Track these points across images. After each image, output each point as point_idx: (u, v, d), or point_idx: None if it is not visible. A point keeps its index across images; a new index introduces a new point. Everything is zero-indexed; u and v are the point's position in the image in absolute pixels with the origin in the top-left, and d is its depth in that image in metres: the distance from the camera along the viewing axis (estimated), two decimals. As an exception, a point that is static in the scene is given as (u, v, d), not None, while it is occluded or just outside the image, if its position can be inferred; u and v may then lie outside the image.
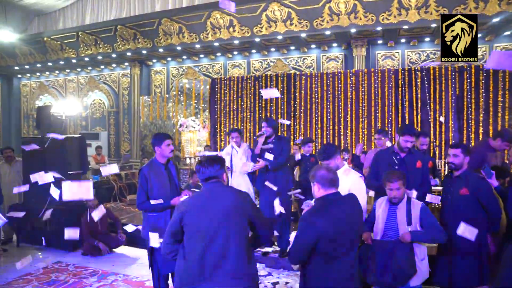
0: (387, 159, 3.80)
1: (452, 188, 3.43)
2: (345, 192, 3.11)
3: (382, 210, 3.14)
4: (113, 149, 13.04)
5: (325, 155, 3.22)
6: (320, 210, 2.29)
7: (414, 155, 3.75)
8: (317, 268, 2.27)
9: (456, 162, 3.37)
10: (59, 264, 5.13)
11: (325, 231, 2.19)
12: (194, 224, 2.26)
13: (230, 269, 2.18)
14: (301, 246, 2.26)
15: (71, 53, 11.51)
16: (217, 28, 9.32)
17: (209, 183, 2.38)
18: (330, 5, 8.09)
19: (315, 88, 8.99)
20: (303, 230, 2.26)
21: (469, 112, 7.80)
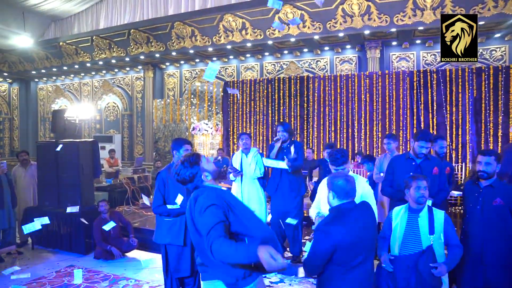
0: (402, 165, 3.68)
1: (481, 197, 3.17)
2: (357, 198, 3.05)
3: (400, 219, 2.96)
4: (127, 152, 13.15)
5: (340, 161, 3.13)
6: (335, 220, 2.25)
7: (431, 161, 3.61)
8: (335, 278, 2.24)
9: (489, 171, 3.13)
10: (71, 268, 5.15)
11: (341, 240, 2.16)
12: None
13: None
14: (318, 257, 2.22)
15: (85, 57, 11.66)
16: (230, 31, 9.30)
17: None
18: (343, 7, 7.99)
19: (328, 91, 8.90)
20: (319, 240, 2.23)
21: (487, 114, 7.60)
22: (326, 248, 2.17)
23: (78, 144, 5.98)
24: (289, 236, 4.70)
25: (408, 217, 2.94)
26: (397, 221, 2.97)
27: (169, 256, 3.52)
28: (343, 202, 2.32)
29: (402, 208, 3.03)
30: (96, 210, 5.81)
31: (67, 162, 5.96)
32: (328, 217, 2.35)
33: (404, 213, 2.98)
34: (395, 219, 3.01)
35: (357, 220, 2.25)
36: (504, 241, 3.04)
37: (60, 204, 5.97)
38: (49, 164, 6.07)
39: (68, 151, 5.95)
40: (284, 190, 4.68)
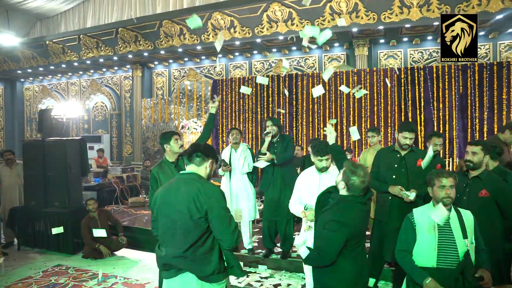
0: (387, 158, 3.73)
1: (468, 189, 3.18)
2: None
3: (429, 225, 2.50)
4: (115, 152, 13.04)
5: (326, 149, 3.14)
6: (348, 210, 2.37)
7: (415, 153, 3.66)
8: (348, 261, 2.38)
9: (475, 160, 3.14)
10: (59, 267, 5.09)
11: (354, 229, 2.34)
12: (161, 214, 2.33)
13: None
14: (335, 246, 2.32)
15: (73, 56, 11.53)
16: (218, 29, 9.28)
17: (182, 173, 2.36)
18: (331, 5, 8.04)
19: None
20: (335, 230, 2.31)
21: (473, 110, 7.71)
22: (343, 237, 2.30)
23: (65, 142, 5.91)
24: (281, 232, 4.69)
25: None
26: (426, 228, 2.53)
27: None
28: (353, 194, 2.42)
29: (425, 211, 2.60)
30: (84, 209, 5.75)
31: (54, 161, 5.88)
32: (338, 206, 2.41)
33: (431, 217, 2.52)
34: (421, 226, 2.56)
35: (361, 210, 2.42)
36: (486, 233, 3.02)
37: (47, 204, 5.89)
38: (36, 163, 5.98)
39: (55, 149, 5.87)
40: (277, 186, 4.66)
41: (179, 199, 2.18)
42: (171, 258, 2.21)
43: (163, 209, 2.25)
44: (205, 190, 2.17)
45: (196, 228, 2.15)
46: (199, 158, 2.28)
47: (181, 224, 2.17)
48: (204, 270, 2.17)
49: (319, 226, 2.46)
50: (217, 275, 2.21)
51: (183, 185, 2.22)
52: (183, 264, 2.18)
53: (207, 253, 2.18)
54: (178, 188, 2.23)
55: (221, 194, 2.24)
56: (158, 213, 2.29)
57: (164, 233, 2.26)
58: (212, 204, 2.14)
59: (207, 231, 2.18)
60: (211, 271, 2.18)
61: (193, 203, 2.13)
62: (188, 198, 2.15)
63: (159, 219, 2.29)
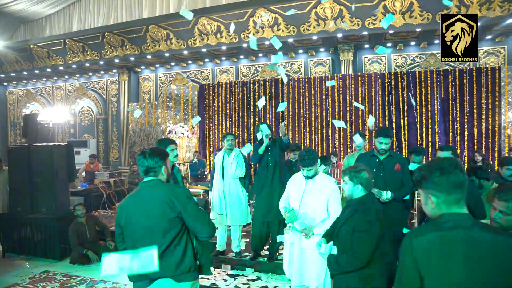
0: (367, 162, 3.87)
1: None
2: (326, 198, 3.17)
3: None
4: (102, 157, 12.94)
5: (310, 161, 3.22)
6: (370, 208, 2.47)
7: (393, 158, 3.80)
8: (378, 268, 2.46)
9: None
10: (46, 273, 5.07)
11: (381, 223, 2.44)
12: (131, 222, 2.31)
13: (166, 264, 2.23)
14: (369, 245, 2.38)
15: (58, 61, 11.44)
16: (205, 34, 9.35)
17: (144, 181, 2.39)
18: (316, 10, 8.18)
19: (302, 93, 9.07)
20: (367, 229, 2.39)
21: (454, 114, 7.94)
22: (376, 235, 2.39)
23: (52, 147, 5.89)
24: (274, 233, 4.75)
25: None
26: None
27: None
28: (368, 192, 2.53)
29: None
30: (71, 214, 5.73)
31: (40, 167, 5.85)
32: (361, 208, 2.47)
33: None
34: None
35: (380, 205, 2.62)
36: None
37: (33, 210, 5.85)
38: (22, 169, 5.94)
39: (42, 155, 5.85)
40: (271, 188, 4.70)
41: (151, 204, 2.27)
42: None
43: (134, 218, 2.29)
44: (174, 192, 2.31)
45: (172, 227, 2.25)
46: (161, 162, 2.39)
47: (158, 227, 2.24)
48: (180, 269, 2.26)
49: (347, 233, 2.46)
50: (193, 272, 2.32)
51: (150, 191, 2.32)
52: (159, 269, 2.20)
53: (183, 250, 2.29)
54: (146, 194, 2.32)
55: (189, 193, 2.41)
56: (127, 224, 2.32)
57: (136, 242, 2.27)
58: (184, 204, 2.28)
59: (181, 230, 2.30)
60: (187, 269, 2.28)
61: (166, 204, 2.24)
62: (160, 201, 2.25)
63: (129, 230, 2.32)
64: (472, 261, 1.39)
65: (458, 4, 7.49)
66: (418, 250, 1.47)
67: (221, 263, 5.06)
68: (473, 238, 1.42)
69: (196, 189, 7.56)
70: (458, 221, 1.47)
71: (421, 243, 1.48)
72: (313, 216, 3.19)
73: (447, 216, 1.50)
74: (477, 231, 1.43)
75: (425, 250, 1.46)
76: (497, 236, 1.43)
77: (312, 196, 3.23)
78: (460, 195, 1.51)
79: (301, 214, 3.24)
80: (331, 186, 3.25)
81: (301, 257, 3.22)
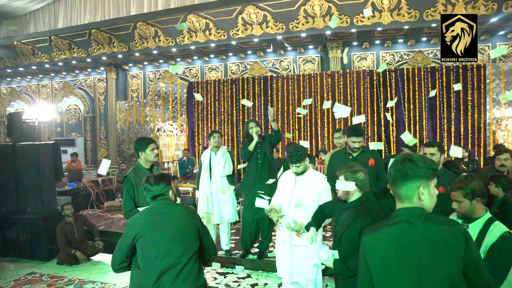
0: (341, 159, 3.92)
1: None
2: (316, 194, 3.17)
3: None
4: (90, 155, 12.80)
5: (298, 157, 3.19)
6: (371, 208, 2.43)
7: (366, 153, 3.89)
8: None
9: (434, 160, 3.40)
10: (32, 275, 4.98)
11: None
12: (148, 240, 2.28)
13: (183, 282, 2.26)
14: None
15: (43, 58, 11.24)
16: (193, 32, 9.28)
17: (156, 201, 2.42)
18: (305, 8, 8.18)
19: (291, 90, 9.07)
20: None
21: (441, 111, 8.03)
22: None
23: (38, 146, 5.79)
24: (264, 230, 4.74)
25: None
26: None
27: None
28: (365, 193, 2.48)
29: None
30: (59, 214, 5.64)
31: (26, 166, 5.75)
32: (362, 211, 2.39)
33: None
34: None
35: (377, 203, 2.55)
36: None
37: (18, 210, 5.75)
38: (6, 168, 5.82)
39: (27, 154, 5.74)
40: (261, 185, 4.68)
41: (175, 216, 2.35)
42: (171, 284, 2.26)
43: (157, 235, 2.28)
44: (189, 210, 2.45)
45: (196, 239, 2.35)
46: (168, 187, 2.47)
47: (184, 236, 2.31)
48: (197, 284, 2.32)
49: (351, 237, 2.38)
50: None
51: (168, 207, 2.40)
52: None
53: (200, 265, 2.39)
54: (165, 209, 2.38)
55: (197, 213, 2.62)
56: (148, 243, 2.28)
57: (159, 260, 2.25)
58: (199, 221, 2.42)
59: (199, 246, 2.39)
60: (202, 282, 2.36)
61: (189, 219, 2.36)
62: (182, 215, 2.36)
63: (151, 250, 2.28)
64: (405, 254, 1.43)
65: (445, 2, 7.57)
66: (367, 248, 1.55)
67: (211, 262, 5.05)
68: (411, 231, 1.45)
69: (185, 187, 7.52)
70: (404, 215, 1.50)
71: (369, 240, 1.55)
72: (304, 213, 3.19)
73: (397, 211, 1.55)
74: (420, 224, 1.45)
75: (372, 247, 1.53)
76: (438, 226, 1.44)
77: (302, 193, 3.23)
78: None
79: (291, 211, 3.24)
80: (322, 182, 3.24)
81: (292, 254, 3.22)
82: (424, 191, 1.50)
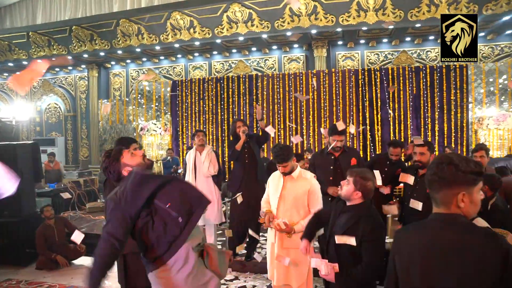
0: (322, 160, 3.88)
1: (418, 186, 3.38)
2: (305, 194, 3.12)
3: None
4: (71, 155, 12.49)
5: (283, 157, 3.12)
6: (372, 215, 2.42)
7: (348, 153, 3.87)
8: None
9: (424, 160, 3.36)
10: (8, 281, 4.77)
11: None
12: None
13: None
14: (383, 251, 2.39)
15: (21, 55, 10.90)
16: (177, 29, 9.14)
17: None
18: (291, 6, 8.13)
19: (277, 89, 9.02)
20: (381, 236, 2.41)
21: (425, 110, 8.11)
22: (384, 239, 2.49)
23: (15, 147, 5.58)
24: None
25: None
26: None
27: (130, 266, 3.30)
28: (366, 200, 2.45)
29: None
30: (38, 217, 5.45)
31: (3, 167, 5.52)
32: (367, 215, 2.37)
33: None
34: None
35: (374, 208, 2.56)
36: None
37: (-4, 213, 5.52)
38: (-17, 170, 5.59)
39: (4, 154, 5.51)
40: (249, 186, 4.60)
41: None
42: None
43: None
44: None
45: None
46: None
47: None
48: None
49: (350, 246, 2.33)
50: None
51: None
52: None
53: None
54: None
55: None
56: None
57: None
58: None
59: None
60: None
61: None
62: None
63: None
64: (431, 260, 1.35)
65: (429, 3, 7.64)
66: (396, 247, 1.50)
67: (197, 264, 4.94)
68: (441, 238, 1.36)
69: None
70: (436, 221, 1.41)
71: (399, 241, 1.51)
72: (293, 213, 3.14)
73: (431, 216, 1.47)
74: (451, 231, 1.35)
75: (400, 248, 1.48)
76: (472, 237, 1.32)
77: (290, 193, 3.17)
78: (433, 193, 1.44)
79: (280, 212, 3.18)
80: (310, 182, 3.18)
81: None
82: (465, 198, 1.35)
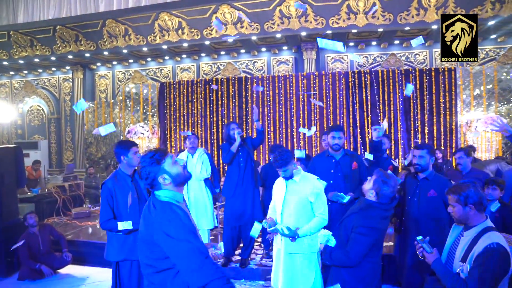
0: (323, 163, 3.83)
1: (418, 189, 3.37)
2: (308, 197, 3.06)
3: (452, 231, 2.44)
4: (55, 159, 12.16)
5: (282, 161, 3.07)
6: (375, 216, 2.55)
7: (349, 156, 3.81)
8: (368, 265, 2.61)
9: (423, 163, 3.34)
10: (-9, 292, 4.57)
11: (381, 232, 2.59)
12: None
13: None
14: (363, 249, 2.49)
15: (1, 55, 10.55)
16: (165, 30, 8.98)
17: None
18: (280, 8, 8.08)
19: (266, 91, 8.95)
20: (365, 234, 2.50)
21: (415, 113, 8.16)
22: (371, 241, 2.49)
23: (-3, 151, 5.35)
24: (246, 238, 4.55)
25: (456, 234, 2.38)
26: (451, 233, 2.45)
27: (122, 274, 3.14)
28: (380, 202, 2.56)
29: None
30: (21, 224, 5.23)
31: (-16, 172, 5.29)
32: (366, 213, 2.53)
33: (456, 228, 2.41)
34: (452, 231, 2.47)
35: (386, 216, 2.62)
36: (435, 235, 3.14)
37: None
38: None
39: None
40: (244, 190, 4.50)
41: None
42: None
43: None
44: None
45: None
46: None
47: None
48: None
49: (346, 229, 2.57)
50: None
51: None
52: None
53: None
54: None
55: None
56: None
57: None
58: None
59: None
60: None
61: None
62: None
63: None
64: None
65: (417, 7, 7.68)
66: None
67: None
68: None
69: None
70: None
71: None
72: (297, 217, 3.07)
73: None
74: None
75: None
76: None
77: (294, 197, 3.11)
78: None
79: (285, 217, 3.11)
80: (313, 184, 3.12)
81: (287, 262, 3.09)
82: None
